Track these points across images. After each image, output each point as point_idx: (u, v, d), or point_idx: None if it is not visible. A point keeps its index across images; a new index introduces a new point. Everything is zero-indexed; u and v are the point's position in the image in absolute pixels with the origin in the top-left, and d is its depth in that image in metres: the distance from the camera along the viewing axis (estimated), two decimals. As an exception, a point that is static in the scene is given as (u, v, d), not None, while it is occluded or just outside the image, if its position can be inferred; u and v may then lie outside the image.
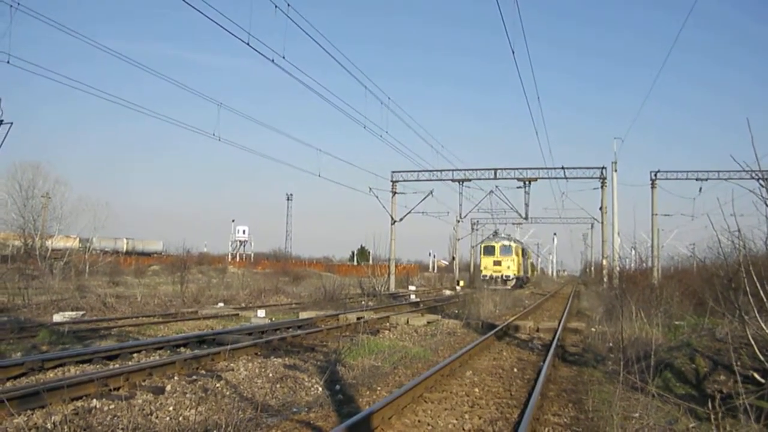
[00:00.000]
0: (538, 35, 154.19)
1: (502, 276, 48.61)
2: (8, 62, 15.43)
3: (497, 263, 49.59)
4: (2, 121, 18.64)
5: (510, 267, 49.51)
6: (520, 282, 53.70)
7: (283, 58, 16.51)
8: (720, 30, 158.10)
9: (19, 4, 15.10)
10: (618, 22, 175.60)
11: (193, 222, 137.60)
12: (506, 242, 51.14)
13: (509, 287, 44.56)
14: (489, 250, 50.88)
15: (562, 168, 38.76)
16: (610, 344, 13.78)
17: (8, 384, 8.78)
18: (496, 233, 54.23)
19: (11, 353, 11.83)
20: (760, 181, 8.83)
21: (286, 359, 11.56)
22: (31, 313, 19.65)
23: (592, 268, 64.98)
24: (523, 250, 57.98)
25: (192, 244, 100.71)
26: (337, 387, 9.49)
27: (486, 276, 48.96)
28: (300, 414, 7.82)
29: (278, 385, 9.44)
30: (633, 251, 31.67)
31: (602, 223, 39.48)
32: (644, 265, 26.86)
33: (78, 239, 50.53)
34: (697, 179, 39.62)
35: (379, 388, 9.54)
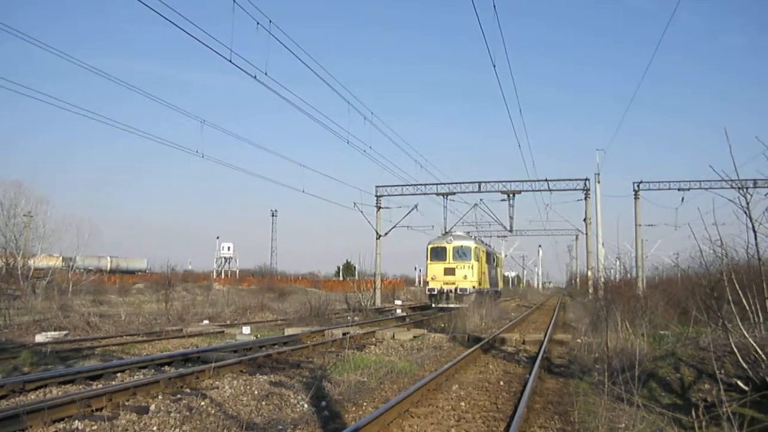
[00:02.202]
0: (519, 48, 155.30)
1: (456, 290, 34.38)
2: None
3: (449, 271, 35.20)
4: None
5: (468, 277, 34.82)
6: (485, 298, 35.76)
7: (266, 74, 16.54)
8: (701, 41, 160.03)
9: (2, 24, 15.06)
10: (599, 26, 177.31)
11: (177, 239, 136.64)
12: (463, 242, 36.20)
13: (466, 305, 31.19)
14: (438, 254, 35.94)
15: (546, 180, 39.00)
16: (596, 355, 13.81)
17: (-12, 407, 8.65)
18: (448, 231, 39.60)
19: (-8, 375, 11.67)
20: (740, 191, 8.93)
21: (272, 376, 11.49)
22: (12, 333, 19.40)
23: (578, 280, 65.20)
24: (488, 254, 41.99)
25: (176, 261, 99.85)
26: (323, 403, 9.44)
27: (433, 290, 35.21)
28: (286, 431, 7.77)
29: (264, 403, 9.38)
30: (617, 262, 31.84)
31: (586, 234, 39.71)
32: (629, 275, 26.94)
33: (61, 258, 50.00)
34: (679, 189, 39.96)
35: (365, 404, 9.50)
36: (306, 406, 9.35)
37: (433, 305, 35.00)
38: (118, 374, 11.51)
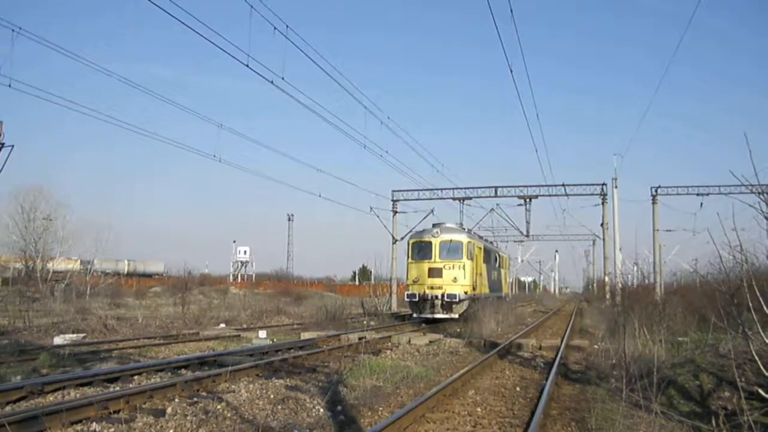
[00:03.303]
0: (536, 52, 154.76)
1: (443, 296, 27.29)
2: (9, 86, 15.57)
3: (435, 273, 28.15)
4: (3, 144, 18.71)
5: (458, 279, 27.83)
6: (482, 306, 28.25)
7: (283, 79, 16.58)
8: (719, 43, 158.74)
9: (21, 28, 15.23)
10: (616, 33, 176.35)
11: (194, 243, 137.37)
12: (452, 236, 28.93)
13: (455, 315, 27.14)
14: (421, 251, 29.12)
15: (563, 185, 38.83)
16: (613, 361, 13.71)
17: (8, 408, 8.74)
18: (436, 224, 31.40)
19: (11, 377, 11.75)
20: (760, 196, 8.82)
21: (288, 380, 11.50)
22: (31, 335, 19.58)
23: (595, 285, 64.75)
24: (487, 251, 34.43)
25: (193, 265, 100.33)
26: (339, 408, 9.43)
27: (414, 297, 27.98)
28: (301, 435, 7.77)
29: (279, 407, 9.38)
30: (635, 267, 31.59)
31: (603, 239, 39.50)
32: (646, 281, 26.70)
33: (79, 261, 50.57)
34: (698, 194, 39.48)
35: (380, 409, 9.48)
36: (322, 410, 9.34)
37: (415, 315, 28.71)
38: (135, 377, 11.57)
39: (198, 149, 26.85)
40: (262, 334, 21.04)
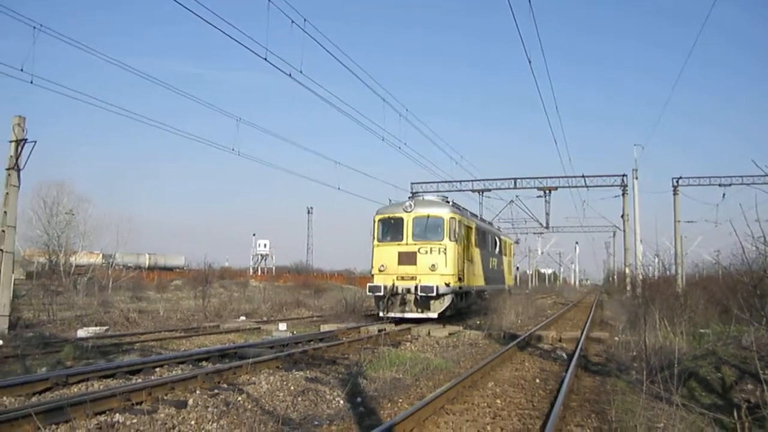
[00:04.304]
0: (554, 43, 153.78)
1: (416, 289, 21.09)
2: (31, 82, 15.75)
3: (407, 258, 21.93)
4: (26, 139, 19.02)
5: (438, 267, 21.57)
6: (473, 302, 25.86)
7: (301, 72, 16.58)
8: (735, 38, 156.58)
9: (41, 25, 15.38)
10: (635, 30, 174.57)
11: (214, 237, 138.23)
12: (430, 210, 22.68)
13: (433, 315, 21.19)
14: (390, 230, 22.79)
15: (583, 176, 38.67)
16: (634, 353, 13.63)
17: (34, 398, 8.89)
18: (414, 194, 27.05)
19: (37, 368, 11.96)
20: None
21: (308, 372, 11.56)
22: (55, 328, 19.87)
23: (615, 277, 64.35)
24: (481, 232, 27.73)
25: (213, 258, 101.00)
26: (359, 399, 9.48)
27: (378, 289, 21.65)
28: (321, 427, 7.82)
29: (300, 398, 9.44)
30: (656, 259, 31.35)
31: (624, 230, 39.34)
32: (668, 272, 26.51)
33: (101, 255, 51.13)
34: (720, 185, 39.09)
35: (400, 401, 9.51)
36: (342, 402, 9.39)
37: (381, 314, 21.31)
38: (157, 369, 11.70)
39: (217, 143, 27.01)
40: (282, 326, 21.16)
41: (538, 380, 11.65)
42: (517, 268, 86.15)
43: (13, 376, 10.84)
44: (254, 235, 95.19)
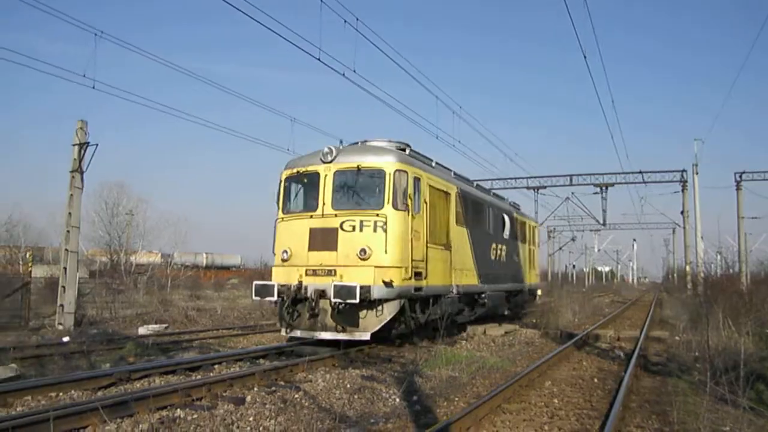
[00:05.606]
0: (612, 34, 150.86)
1: (332, 292, 12.07)
2: (93, 87, 16.24)
3: (323, 239, 13.13)
4: (88, 143, 19.62)
5: (374, 251, 12.70)
6: (457, 310, 16.53)
7: (354, 71, 16.57)
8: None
9: (102, 32, 15.82)
10: (698, 15, 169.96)
11: (270, 236, 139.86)
12: (363, 158, 13.62)
13: (365, 334, 12.79)
14: (303, 193, 14.42)
15: (640, 172, 37.84)
16: (696, 354, 13.28)
17: (99, 393, 9.15)
18: (341, 142, 14.58)
19: (101, 364, 12.35)
20: None
21: (364, 370, 11.60)
22: (117, 325, 20.45)
23: (675, 275, 62.80)
24: (474, 201, 18.41)
25: (269, 257, 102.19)
26: (415, 398, 9.47)
27: (268, 291, 13.06)
28: (378, 425, 7.84)
29: (356, 396, 9.48)
30: (718, 256, 30.53)
31: (684, 227, 38.33)
32: (731, 270, 25.79)
33: (160, 254, 52.37)
34: (785, 179, 37.73)
35: (456, 399, 9.47)
36: (398, 400, 9.39)
37: (284, 331, 13.57)
38: (216, 366, 11.90)
39: (273, 143, 27.19)
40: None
41: (596, 380, 11.46)
42: (574, 266, 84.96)
43: (80, 371, 11.23)
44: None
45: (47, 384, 9.20)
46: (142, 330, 18.68)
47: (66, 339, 15.83)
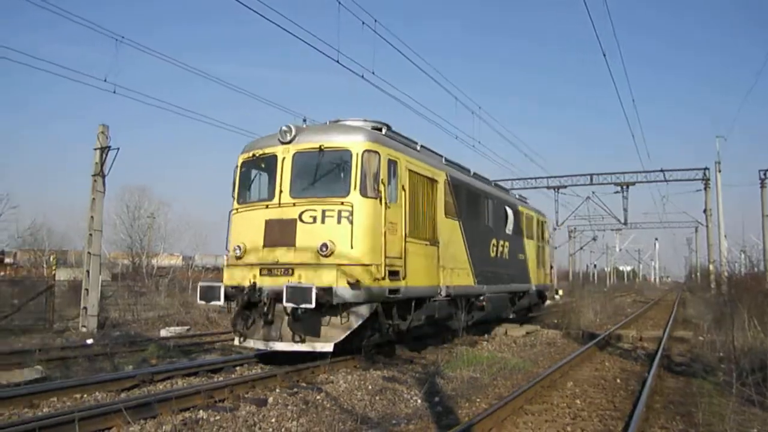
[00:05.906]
0: (633, 33, 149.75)
1: (286, 294, 10.08)
2: (114, 92, 16.42)
3: (280, 232, 11.19)
4: (110, 147, 19.81)
5: (336, 245, 10.81)
6: (445, 315, 14.41)
7: (373, 73, 16.56)
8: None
9: (123, 37, 15.99)
10: (717, 15, 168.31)
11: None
12: (327, 138, 11.61)
13: (326, 346, 10.75)
14: (260, 179, 12.44)
15: (662, 171, 37.51)
16: (721, 354, 13.12)
17: (122, 395, 9.24)
18: (305, 120, 13.40)
19: (124, 366, 12.46)
20: None
21: (385, 371, 11.59)
22: (140, 327, 20.63)
23: (698, 274, 62.16)
24: (466, 189, 15.98)
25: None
26: (436, 399, 9.45)
27: (214, 294, 11.41)
28: (400, 426, 7.83)
29: (377, 397, 9.48)
30: (742, 255, 30.16)
31: (707, 226, 37.91)
32: (756, 269, 25.47)
33: (181, 257, 52.83)
34: (812, 176, 37.13)
35: (478, 400, 9.44)
36: (419, 401, 9.38)
37: (237, 341, 11.73)
38: (237, 368, 11.94)
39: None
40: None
41: (618, 380, 11.37)
42: (595, 266, 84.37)
43: (104, 373, 11.35)
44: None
45: (72, 386, 9.31)
46: (164, 332, 18.83)
47: (90, 341, 15.98)
